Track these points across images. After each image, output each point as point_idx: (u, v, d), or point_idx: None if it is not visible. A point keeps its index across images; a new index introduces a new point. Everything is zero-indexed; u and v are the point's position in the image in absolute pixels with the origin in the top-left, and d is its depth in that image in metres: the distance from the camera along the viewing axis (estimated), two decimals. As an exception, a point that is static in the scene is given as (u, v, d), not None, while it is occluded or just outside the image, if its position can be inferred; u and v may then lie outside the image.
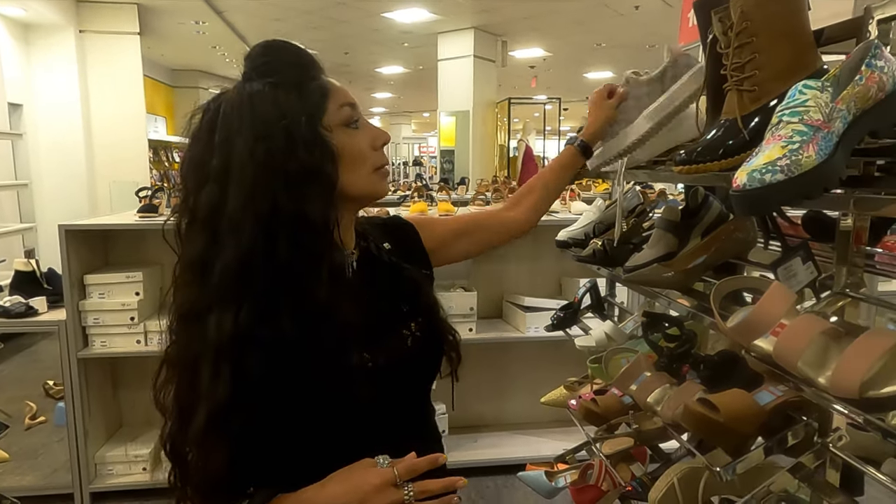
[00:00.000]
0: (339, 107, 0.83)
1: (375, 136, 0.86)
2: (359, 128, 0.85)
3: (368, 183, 0.85)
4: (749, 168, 0.72)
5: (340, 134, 0.82)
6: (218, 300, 0.74)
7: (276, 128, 0.77)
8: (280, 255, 0.74)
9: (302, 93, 0.80)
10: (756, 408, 1.01)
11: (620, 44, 8.41)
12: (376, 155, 0.86)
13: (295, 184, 0.76)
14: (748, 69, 0.96)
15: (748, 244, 1.24)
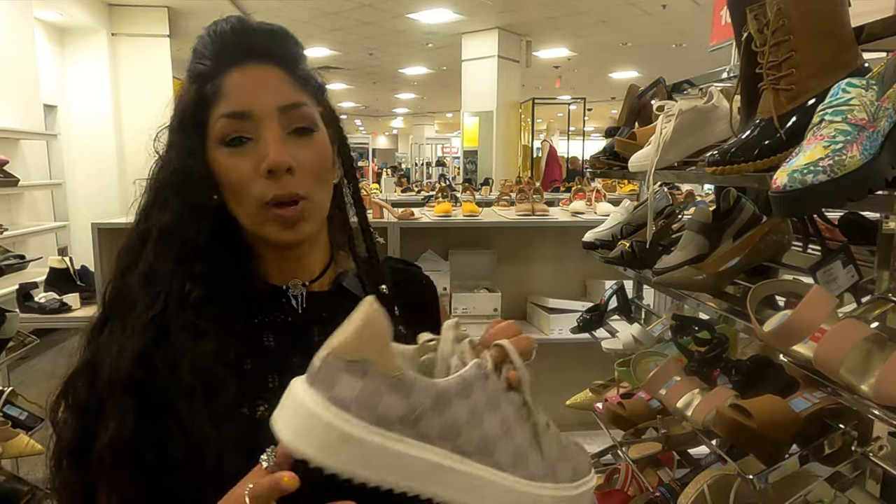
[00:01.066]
0: (218, 118, 0.66)
1: (259, 159, 0.65)
2: (241, 146, 0.66)
3: (252, 221, 0.67)
4: (790, 168, 0.70)
5: (216, 152, 0.67)
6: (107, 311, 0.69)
7: (171, 124, 0.70)
8: (144, 263, 0.67)
9: (203, 89, 0.68)
10: (791, 414, 0.99)
11: (646, 43, 8.30)
12: (258, 186, 0.65)
13: (162, 189, 0.69)
14: (785, 68, 0.94)
15: (783, 247, 1.21)
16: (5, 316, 1.55)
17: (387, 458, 0.42)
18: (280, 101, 0.66)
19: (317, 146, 0.68)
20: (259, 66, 0.67)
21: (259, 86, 0.66)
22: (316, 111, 0.70)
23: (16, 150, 4.32)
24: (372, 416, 0.42)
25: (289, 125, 0.66)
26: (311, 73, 0.72)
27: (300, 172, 0.65)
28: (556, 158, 8.59)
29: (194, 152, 0.67)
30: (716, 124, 1.29)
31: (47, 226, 4.53)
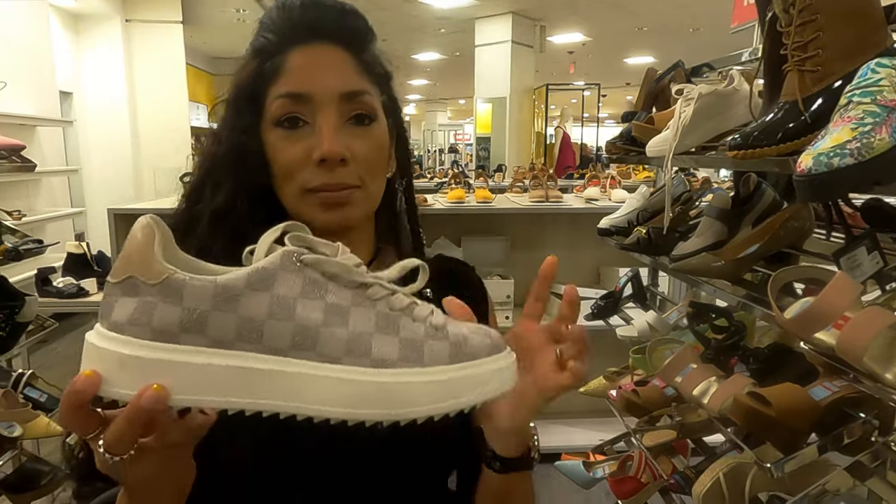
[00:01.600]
0: (275, 97, 0.63)
1: (312, 145, 0.62)
2: (296, 129, 0.63)
3: (295, 206, 0.64)
4: (815, 152, 0.68)
5: (269, 133, 0.64)
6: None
7: (228, 99, 0.67)
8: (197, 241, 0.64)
9: (264, 66, 0.65)
10: (810, 403, 0.98)
11: (663, 27, 8.17)
12: (307, 173, 0.62)
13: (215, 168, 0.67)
14: (811, 48, 0.91)
15: (804, 233, 1.19)
16: (24, 300, 1.57)
17: (179, 374, 0.38)
18: (342, 86, 0.63)
19: (374, 138, 0.65)
20: (324, 47, 0.64)
21: (322, 68, 0.63)
22: (378, 101, 0.66)
23: (32, 137, 4.36)
24: (147, 331, 0.39)
25: (348, 112, 0.63)
26: (378, 59, 0.69)
27: (353, 164, 0.63)
28: (570, 145, 8.52)
29: (249, 131, 0.64)
30: (736, 108, 1.27)
31: (64, 212, 4.58)
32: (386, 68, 0.70)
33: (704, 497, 1.19)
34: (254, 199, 0.65)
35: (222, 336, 0.39)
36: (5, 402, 1.60)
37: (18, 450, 1.75)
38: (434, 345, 0.42)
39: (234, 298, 0.40)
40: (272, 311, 0.40)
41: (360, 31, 0.67)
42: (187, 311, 0.39)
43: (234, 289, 0.40)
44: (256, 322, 0.40)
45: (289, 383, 0.40)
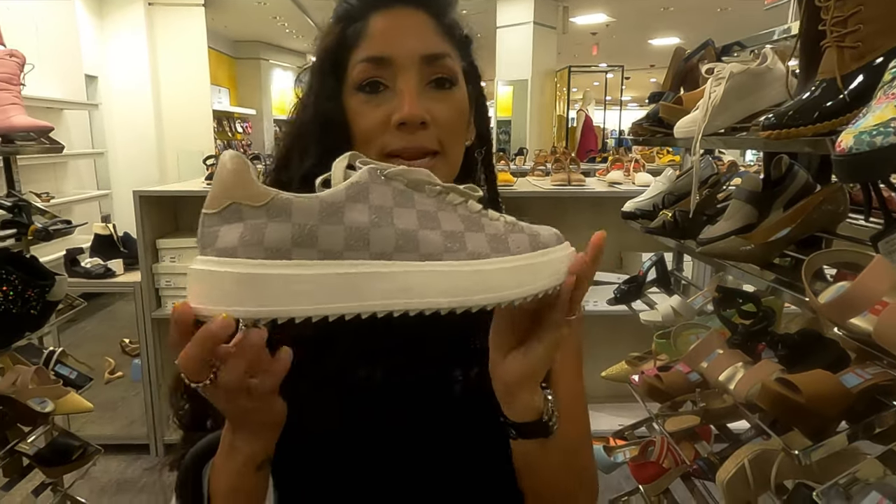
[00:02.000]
0: (357, 62, 0.63)
1: (392, 109, 0.62)
2: (377, 93, 0.63)
3: None
4: (856, 130, 0.66)
5: (351, 98, 0.64)
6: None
7: (313, 66, 0.68)
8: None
9: (346, 31, 0.65)
10: (841, 390, 0.96)
11: (689, 7, 7.96)
12: (387, 136, 0.62)
13: (302, 135, 0.67)
14: (851, 24, 0.88)
15: (837, 217, 1.15)
16: (55, 279, 1.61)
17: (299, 286, 0.41)
18: (423, 49, 0.62)
19: (454, 101, 0.65)
20: (405, 10, 0.64)
21: (403, 31, 0.63)
22: (458, 65, 0.66)
23: (60, 120, 4.43)
24: (261, 250, 0.40)
25: (429, 76, 0.63)
26: (459, 23, 0.69)
27: (433, 127, 0.62)
28: (592, 128, 8.40)
29: (333, 97, 0.65)
30: (769, 87, 1.23)
31: (91, 194, 4.67)
32: (466, 32, 0.70)
33: (729, 483, 1.18)
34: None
35: (332, 246, 0.42)
36: (37, 379, 1.64)
37: (50, 425, 1.80)
38: (515, 237, 0.48)
39: (339, 211, 0.43)
40: (373, 219, 0.43)
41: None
42: (297, 226, 0.41)
43: (337, 203, 0.43)
44: (362, 230, 0.43)
45: (400, 282, 0.43)
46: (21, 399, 1.58)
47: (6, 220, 1.67)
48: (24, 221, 1.68)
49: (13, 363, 1.71)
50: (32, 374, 1.63)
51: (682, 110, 1.37)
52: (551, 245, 0.49)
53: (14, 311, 1.50)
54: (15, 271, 1.52)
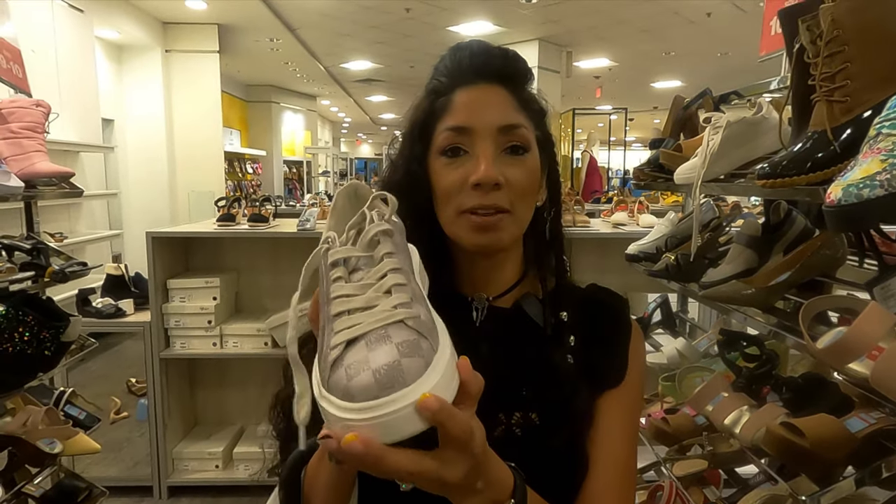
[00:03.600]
0: (442, 130, 0.71)
1: (470, 171, 0.68)
2: (457, 157, 0.70)
3: (449, 225, 0.72)
4: (845, 182, 0.69)
5: (435, 161, 0.72)
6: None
7: (405, 132, 0.77)
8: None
9: (434, 104, 0.74)
10: (846, 435, 0.96)
11: (690, 52, 8.16)
12: (463, 195, 0.69)
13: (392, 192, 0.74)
14: (839, 79, 0.92)
15: (836, 262, 1.18)
16: (69, 320, 1.64)
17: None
18: (500, 120, 0.70)
19: (527, 167, 0.71)
20: (487, 86, 0.72)
21: (483, 104, 0.71)
22: (532, 134, 0.72)
23: (76, 162, 4.55)
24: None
25: (504, 143, 0.70)
26: (535, 97, 0.76)
27: (506, 188, 0.68)
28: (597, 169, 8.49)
29: (419, 160, 0.73)
30: (765, 136, 1.27)
31: (103, 234, 4.75)
32: (541, 105, 0.77)
33: (737, 530, 1.17)
34: (421, 222, 0.72)
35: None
36: (47, 420, 1.65)
37: (57, 466, 1.80)
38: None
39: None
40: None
41: (519, 73, 0.75)
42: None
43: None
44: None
45: None
46: (31, 440, 1.59)
47: (24, 262, 1.71)
48: (42, 264, 1.72)
49: (24, 403, 1.73)
50: (42, 415, 1.65)
51: (682, 157, 1.42)
52: (376, 396, 0.41)
53: (29, 352, 1.53)
54: (31, 312, 1.55)
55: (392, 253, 0.50)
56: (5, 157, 1.63)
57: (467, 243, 0.70)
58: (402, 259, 0.51)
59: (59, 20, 4.40)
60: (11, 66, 1.88)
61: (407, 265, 0.51)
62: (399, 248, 0.52)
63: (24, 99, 1.81)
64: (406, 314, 0.44)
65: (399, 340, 0.42)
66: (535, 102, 0.76)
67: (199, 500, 2.64)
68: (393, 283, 0.47)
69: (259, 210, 2.78)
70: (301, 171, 11.80)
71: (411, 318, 0.44)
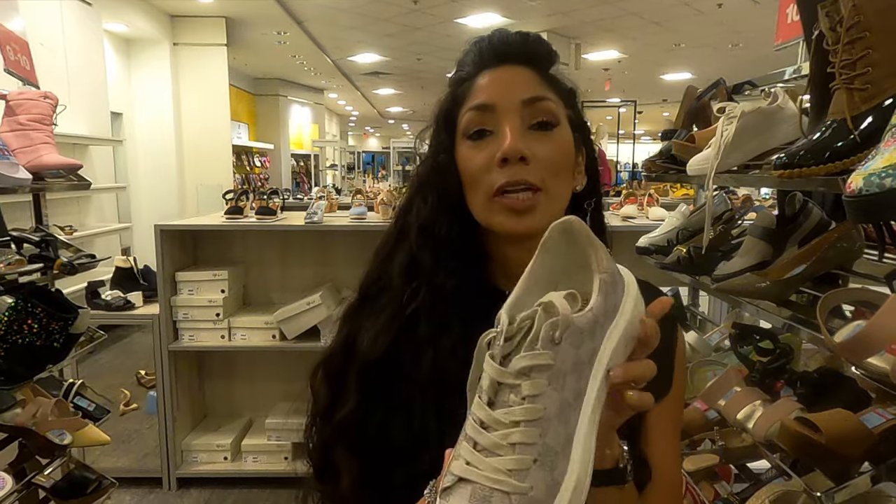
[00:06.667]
0: (465, 112, 0.69)
1: (496, 149, 0.65)
2: (483, 139, 0.67)
3: (482, 212, 0.68)
4: (866, 172, 0.67)
5: (461, 145, 0.70)
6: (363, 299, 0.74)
7: (433, 125, 0.75)
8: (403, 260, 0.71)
9: (457, 91, 0.72)
10: (863, 430, 0.94)
11: (701, 44, 8.07)
12: (492, 176, 0.66)
13: (422, 185, 0.73)
14: (860, 66, 0.89)
15: (853, 254, 1.15)
16: (78, 312, 1.64)
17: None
18: (524, 94, 0.67)
19: (556, 141, 0.68)
20: (511, 67, 0.70)
21: (506, 82, 0.68)
22: (561, 110, 0.70)
23: (85, 155, 4.56)
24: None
25: (530, 119, 0.67)
26: (563, 77, 0.74)
27: (534, 163, 0.65)
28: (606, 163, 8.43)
29: (447, 149, 0.71)
30: (780, 126, 1.25)
31: (112, 227, 4.77)
32: (570, 85, 0.74)
33: (750, 525, 1.16)
34: (452, 214, 0.70)
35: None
36: (57, 411, 1.66)
37: (67, 457, 1.81)
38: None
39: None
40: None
41: (542, 53, 0.72)
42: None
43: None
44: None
45: None
46: (40, 431, 1.59)
47: (33, 254, 1.72)
48: (51, 256, 1.72)
49: (34, 395, 1.73)
50: (52, 407, 1.65)
51: (695, 148, 1.39)
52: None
53: (38, 344, 1.53)
54: (40, 304, 1.55)
55: (536, 396, 0.42)
56: (13, 148, 1.63)
57: (502, 230, 0.67)
58: (552, 398, 0.43)
59: (67, 14, 4.40)
60: (19, 59, 1.88)
61: (555, 406, 0.43)
62: (557, 378, 0.43)
63: (31, 91, 1.81)
64: (514, 487, 0.40)
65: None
66: (563, 82, 0.73)
67: (208, 492, 2.66)
68: (519, 440, 0.41)
69: (267, 203, 2.78)
70: (309, 164, 11.81)
71: (517, 495, 0.40)
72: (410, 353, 0.67)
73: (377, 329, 0.69)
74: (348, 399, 0.68)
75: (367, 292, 0.74)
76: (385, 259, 0.74)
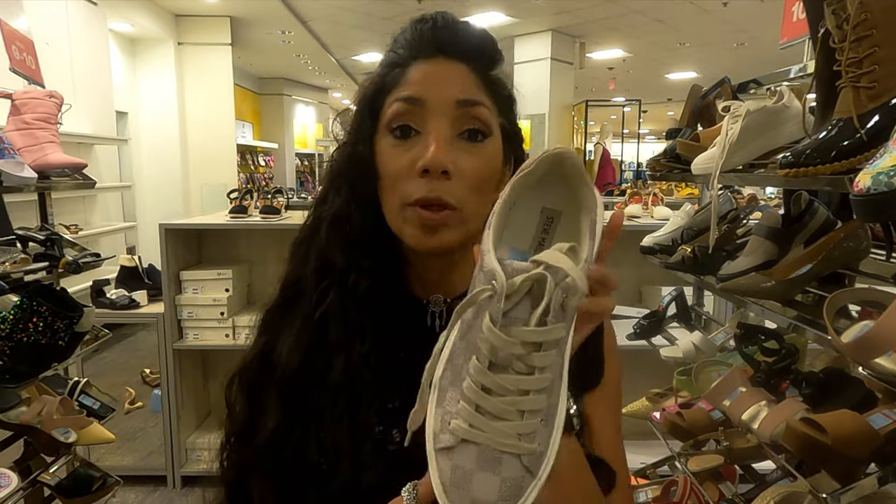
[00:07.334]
0: (393, 101, 0.62)
1: (419, 154, 0.59)
2: (407, 139, 0.61)
3: (394, 218, 0.63)
4: (874, 171, 0.66)
5: (383, 139, 0.63)
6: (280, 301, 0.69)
7: (355, 109, 0.68)
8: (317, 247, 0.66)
9: (387, 75, 0.65)
10: (869, 431, 0.94)
11: (705, 42, 8.04)
12: (410, 185, 0.60)
13: (337, 174, 0.68)
14: (866, 64, 0.89)
15: (860, 254, 1.15)
16: (82, 311, 1.64)
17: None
18: (458, 94, 0.61)
19: (484, 155, 0.62)
20: (448, 61, 0.63)
21: (441, 77, 0.62)
22: (495, 119, 0.64)
23: (91, 154, 4.58)
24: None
25: (461, 125, 0.61)
26: (503, 81, 0.67)
27: (457, 178, 0.60)
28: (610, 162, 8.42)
29: (367, 139, 0.65)
30: (786, 125, 1.24)
31: (118, 226, 4.79)
32: (510, 92, 0.68)
33: (755, 526, 1.15)
34: (367, 209, 0.65)
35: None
36: (62, 409, 1.66)
37: (72, 455, 1.82)
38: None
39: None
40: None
41: (486, 51, 0.66)
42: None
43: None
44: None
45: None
46: (46, 429, 1.60)
47: (39, 252, 1.72)
48: (56, 254, 1.73)
49: (39, 393, 1.74)
50: (57, 405, 1.66)
51: (700, 147, 1.39)
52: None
53: (43, 342, 1.54)
54: (45, 303, 1.56)
55: (545, 367, 0.42)
56: (19, 147, 1.64)
57: (410, 243, 0.62)
58: (558, 363, 0.43)
59: (72, 13, 4.42)
60: (24, 58, 1.88)
61: (557, 369, 0.43)
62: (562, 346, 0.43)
63: (37, 90, 1.82)
64: (525, 450, 0.41)
65: (506, 476, 0.40)
66: (504, 87, 0.67)
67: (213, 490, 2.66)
68: (529, 408, 0.41)
69: (271, 202, 2.78)
70: (313, 163, 11.82)
71: (527, 455, 0.41)
72: (322, 361, 0.62)
73: (292, 337, 0.64)
74: (269, 417, 0.62)
75: (286, 294, 0.69)
76: (300, 258, 0.69)
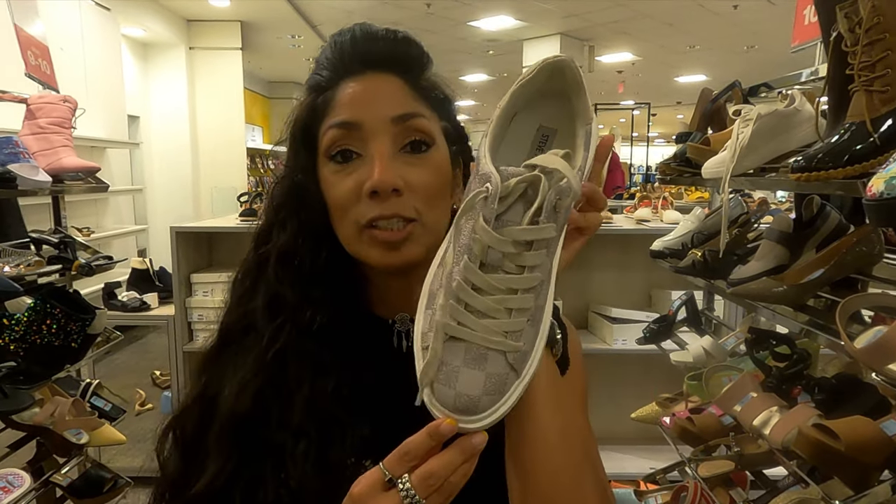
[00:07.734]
0: (327, 129, 0.61)
1: (364, 177, 0.58)
2: (349, 163, 0.60)
3: (352, 244, 0.61)
4: (887, 175, 0.66)
5: (324, 167, 0.61)
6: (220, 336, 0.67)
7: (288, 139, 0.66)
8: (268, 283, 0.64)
9: (317, 101, 0.63)
10: (883, 438, 0.93)
11: (715, 46, 8.01)
12: (361, 207, 0.58)
13: (282, 211, 0.65)
14: (879, 68, 0.88)
15: (872, 258, 1.14)
16: (95, 313, 1.66)
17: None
18: (393, 111, 0.59)
19: (431, 165, 0.61)
20: (376, 75, 0.61)
21: (373, 96, 0.60)
22: (436, 126, 0.63)
23: (103, 158, 4.62)
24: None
25: (402, 140, 0.60)
26: (436, 84, 0.66)
27: (408, 193, 0.58)
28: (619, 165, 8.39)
29: (307, 168, 0.63)
30: (797, 129, 1.23)
31: (129, 229, 4.83)
32: (444, 94, 0.66)
33: (766, 533, 1.14)
34: (317, 240, 0.63)
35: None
36: (74, 411, 1.68)
37: (84, 456, 1.83)
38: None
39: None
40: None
41: (413, 58, 0.64)
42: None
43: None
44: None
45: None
46: (58, 430, 1.61)
47: (52, 255, 1.74)
48: (69, 257, 1.75)
49: (52, 394, 1.76)
50: (69, 406, 1.67)
51: (710, 151, 1.38)
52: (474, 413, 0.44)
53: (56, 344, 1.55)
54: (59, 305, 1.57)
55: (535, 266, 0.43)
56: (33, 151, 1.66)
57: (376, 264, 0.60)
58: (547, 265, 0.44)
59: (86, 18, 4.47)
60: (40, 63, 1.91)
61: (548, 269, 0.44)
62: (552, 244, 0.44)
63: (51, 95, 1.84)
64: (511, 347, 0.43)
65: (491, 371, 0.42)
66: (437, 90, 0.65)
67: None
68: (517, 306, 0.42)
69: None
70: (322, 167, 11.85)
71: (513, 353, 0.43)
72: (279, 400, 0.58)
73: (243, 377, 0.60)
74: (208, 466, 0.58)
75: (228, 335, 0.65)
76: (245, 295, 0.65)
